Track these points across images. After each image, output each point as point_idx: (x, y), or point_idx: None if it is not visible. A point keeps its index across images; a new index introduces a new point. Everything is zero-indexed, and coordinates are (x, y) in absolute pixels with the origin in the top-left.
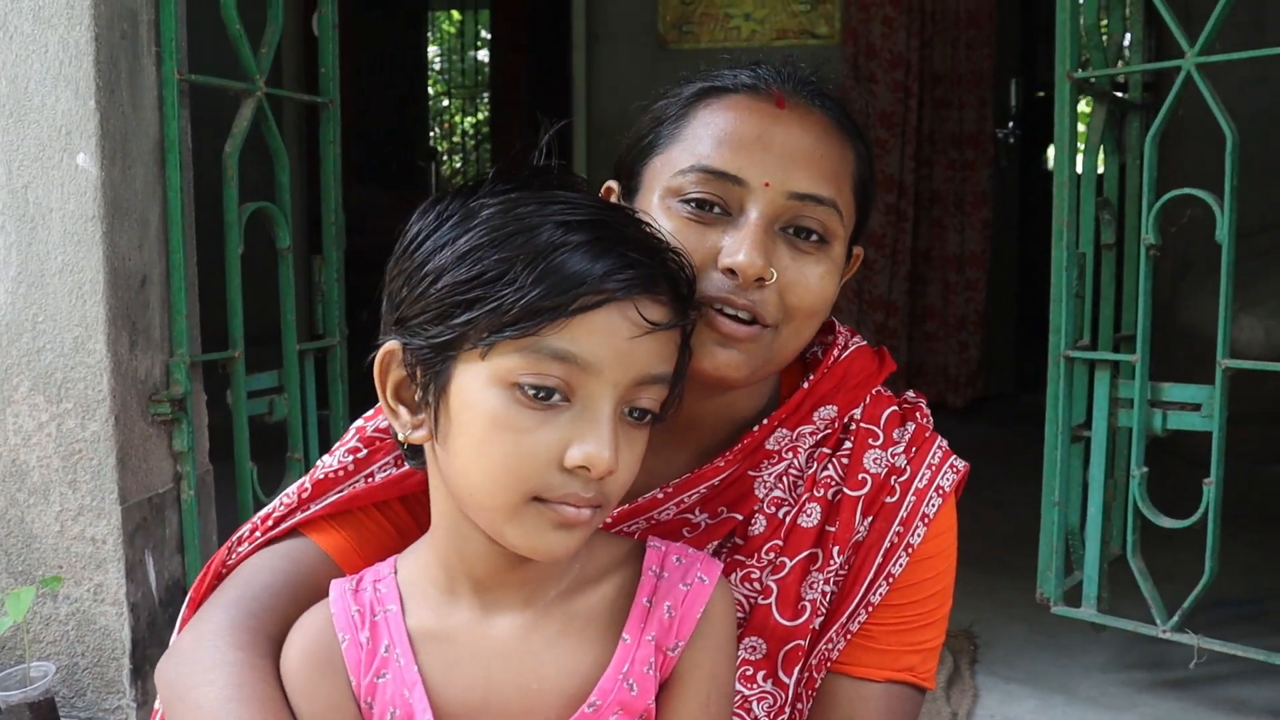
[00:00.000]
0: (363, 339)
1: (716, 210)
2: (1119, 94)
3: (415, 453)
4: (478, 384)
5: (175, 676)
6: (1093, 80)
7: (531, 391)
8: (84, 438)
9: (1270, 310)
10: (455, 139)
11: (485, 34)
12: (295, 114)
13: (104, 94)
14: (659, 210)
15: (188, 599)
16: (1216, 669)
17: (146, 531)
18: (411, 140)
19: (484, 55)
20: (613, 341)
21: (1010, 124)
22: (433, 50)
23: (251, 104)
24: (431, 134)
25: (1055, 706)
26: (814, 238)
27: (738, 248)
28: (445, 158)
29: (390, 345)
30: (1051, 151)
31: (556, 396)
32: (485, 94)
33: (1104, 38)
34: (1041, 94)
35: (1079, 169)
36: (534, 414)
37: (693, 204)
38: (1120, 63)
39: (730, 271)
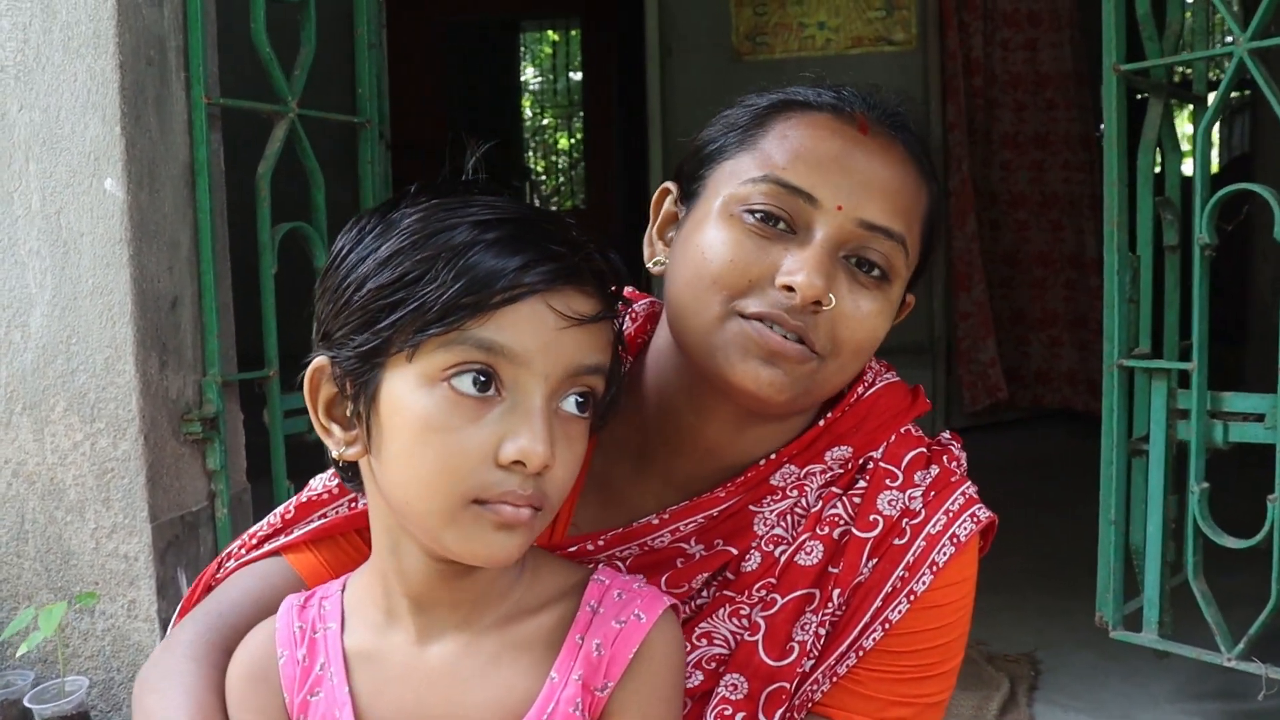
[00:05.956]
0: None
1: (781, 225)
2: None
3: (353, 474)
4: (407, 387)
5: (141, 680)
6: (1147, 74)
7: (463, 383)
8: (115, 456)
9: None
10: (552, 158)
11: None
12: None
13: (129, 120)
14: (719, 216)
15: (179, 608)
16: None
17: (179, 549)
18: (507, 161)
19: (578, 75)
20: (540, 333)
21: (1100, 125)
22: (531, 71)
23: (284, 125)
24: (528, 154)
25: None
26: (875, 272)
27: (799, 267)
28: (543, 177)
29: (318, 361)
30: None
31: (487, 387)
32: (581, 113)
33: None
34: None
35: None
36: (465, 411)
37: (759, 215)
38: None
39: (788, 289)
